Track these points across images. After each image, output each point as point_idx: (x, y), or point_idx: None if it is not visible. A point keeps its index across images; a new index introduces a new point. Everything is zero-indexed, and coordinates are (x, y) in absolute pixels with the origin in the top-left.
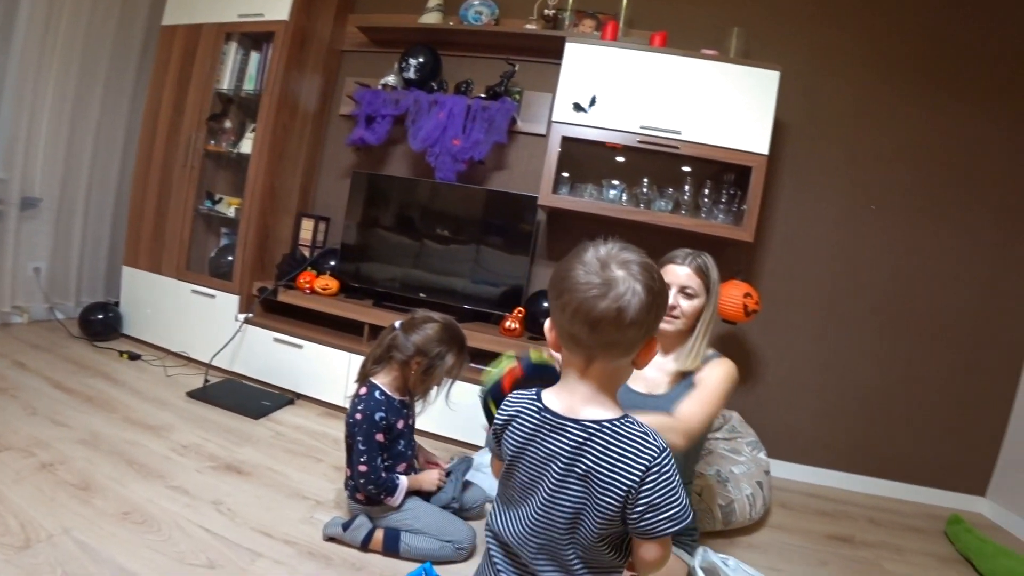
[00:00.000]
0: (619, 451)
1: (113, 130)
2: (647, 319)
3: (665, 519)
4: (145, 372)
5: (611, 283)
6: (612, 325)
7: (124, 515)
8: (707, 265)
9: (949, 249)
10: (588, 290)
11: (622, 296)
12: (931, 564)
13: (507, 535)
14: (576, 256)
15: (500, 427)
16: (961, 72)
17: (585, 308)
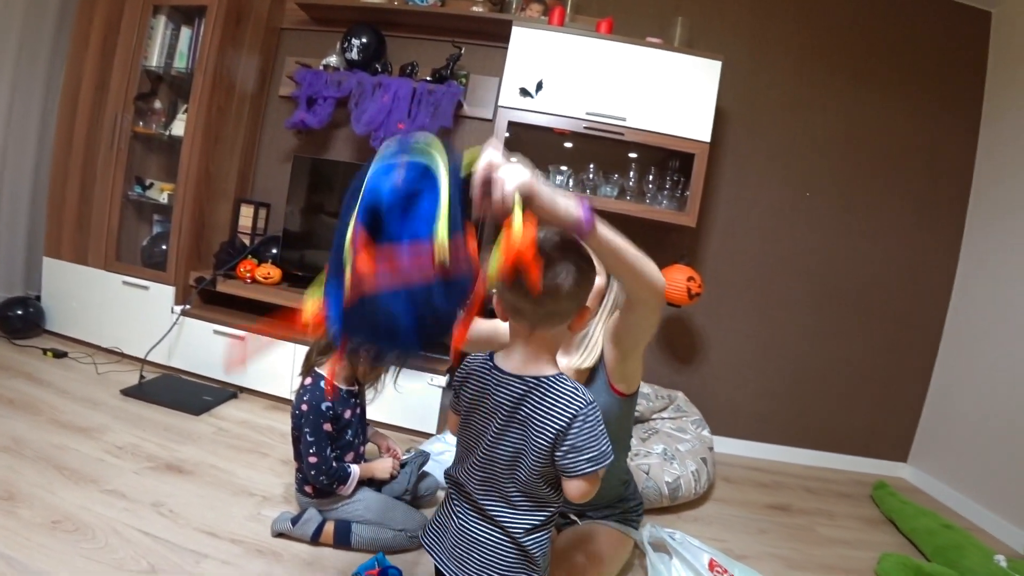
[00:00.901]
0: (552, 401)
1: (27, 108)
2: (579, 292)
3: (585, 460)
4: (73, 371)
5: (548, 263)
6: (551, 299)
7: (54, 524)
8: None
9: (874, 234)
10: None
11: (558, 275)
12: (860, 526)
13: (460, 475)
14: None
15: (459, 384)
16: (887, 66)
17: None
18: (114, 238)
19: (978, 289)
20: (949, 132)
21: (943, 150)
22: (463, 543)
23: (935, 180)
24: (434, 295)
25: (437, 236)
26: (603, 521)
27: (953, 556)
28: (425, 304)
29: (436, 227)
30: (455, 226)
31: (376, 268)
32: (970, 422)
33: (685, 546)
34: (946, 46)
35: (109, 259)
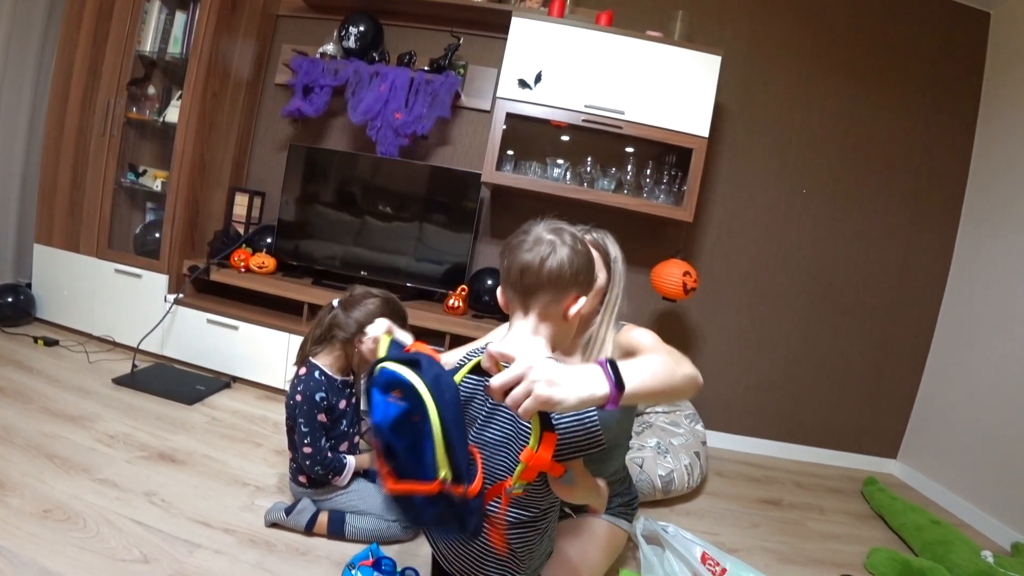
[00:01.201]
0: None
1: (18, 92)
2: (566, 275)
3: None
4: (64, 359)
5: (539, 242)
6: (534, 274)
7: (45, 513)
8: (605, 240)
9: (868, 232)
10: (522, 246)
11: (543, 251)
12: (850, 521)
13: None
14: (524, 226)
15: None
16: (884, 66)
17: (517, 260)
18: (106, 225)
19: (970, 289)
20: (945, 132)
21: (939, 150)
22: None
23: (930, 180)
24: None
25: (438, 472)
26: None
27: (941, 551)
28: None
29: (435, 454)
30: (456, 449)
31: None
32: (960, 420)
33: (678, 539)
34: (944, 46)
35: (101, 247)
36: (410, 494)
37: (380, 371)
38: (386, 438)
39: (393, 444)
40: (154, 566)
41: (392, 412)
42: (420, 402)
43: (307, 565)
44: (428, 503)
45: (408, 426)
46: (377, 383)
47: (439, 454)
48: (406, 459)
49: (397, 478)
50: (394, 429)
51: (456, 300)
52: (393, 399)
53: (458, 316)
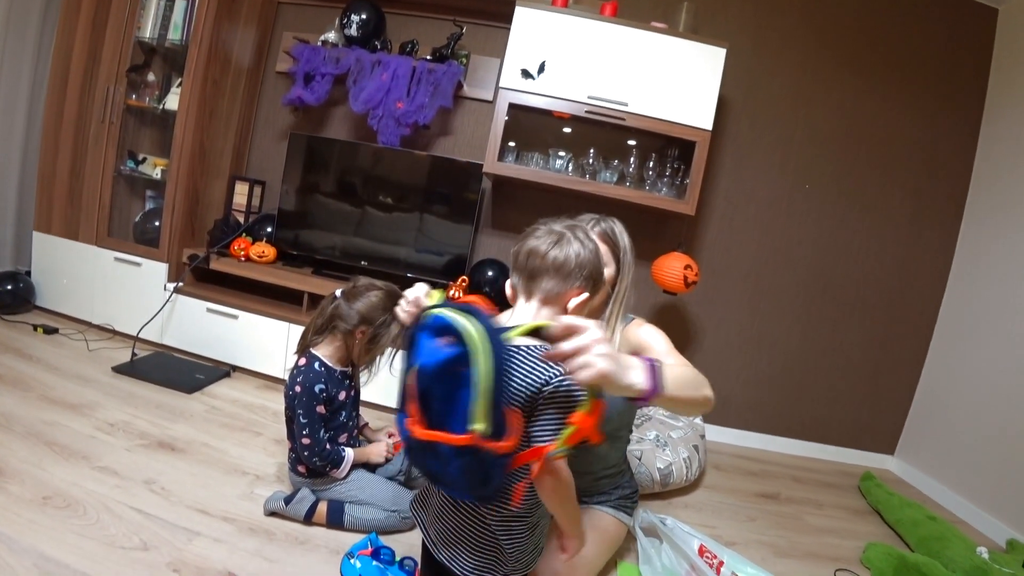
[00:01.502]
0: (527, 369)
1: (16, 79)
2: (571, 265)
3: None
4: (64, 347)
5: (551, 232)
6: (540, 257)
7: (44, 500)
8: (614, 230)
9: (869, 229)
10: (534, 233)
11: (553, 240)
12: (846, 516)
13: None
14: (540, 220)
15: None
16: (889, 62)
17: (527, 244)
18: (106, 213)
19: (972, 286)
20: (950, 129)
21: (943, 147)
22: (443, 516)
23: (933, 177)
24: (478, 456)
25: (474, 424)
26: (598, 507)
27: (936, 547)
28: (471, 459)
29: (474, 405)
30: (497, 405)
31: (423, 428)
32: (958, 417)
33: (676, 532)
34: (951, 42)
35: (101, 235)
36: (438, 442)
37: (433, 316)
38: (425, 383)
39: (431, 390)
40: (154, 553)
41: (440, 356)
42: (472, 351)
43: (306, 554)
44: (454, 454)
45: (450, 375)
46: (427, 327)
47: (480, 406)
48: (440, 408)
49: (427, 426)
50: (436, 375)
51: (456, 291)
52: (442, 344)
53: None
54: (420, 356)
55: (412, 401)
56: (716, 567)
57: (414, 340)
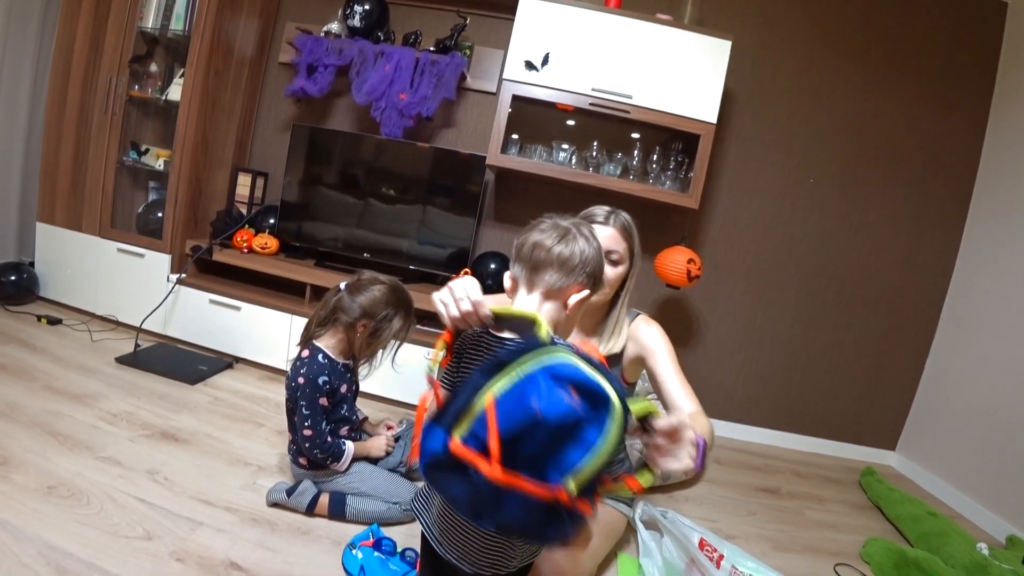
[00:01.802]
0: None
1: (18, 69)
2: (575, 261)
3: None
4: (67, 338)
5: (556, 227)
6: (545, 250)
7: (49, 490)
8: (631, 223)
9: (875, 222)
10: (539, 226)
11: (558, 234)
12: (847, 511)
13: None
14: (545, 215)
15: (456, 359)
16: (895, 54)
17: (532, 237)
18: (109, 204)
19: (976, 283)
20: (956, 124)
21: (948, 142)
22: (448, 515)
23: (938, 172)
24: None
25: (569, 483)
26: None
27: (937, 543)
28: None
29: (583, 468)
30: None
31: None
32: (960, 414)
33: (676, 525)
34: (958, 37)
35: (104, 226)
36: (518, 490)
37: (564, 364)
38: (531, 430)
39: (534, 440)
40: (157, 543)
41: (565, 411)
42: (610, 419)
43: (308, 544)
44: (522, 503)
45: (564, 430)
46: (553, 372)
47: (590, 467)
48: (529, 455)
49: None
50: (556, 429)
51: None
52: (568, 396)
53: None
54: (543, 402)
55: (493, 437)
56: (716, 560)
57: (524, 375)
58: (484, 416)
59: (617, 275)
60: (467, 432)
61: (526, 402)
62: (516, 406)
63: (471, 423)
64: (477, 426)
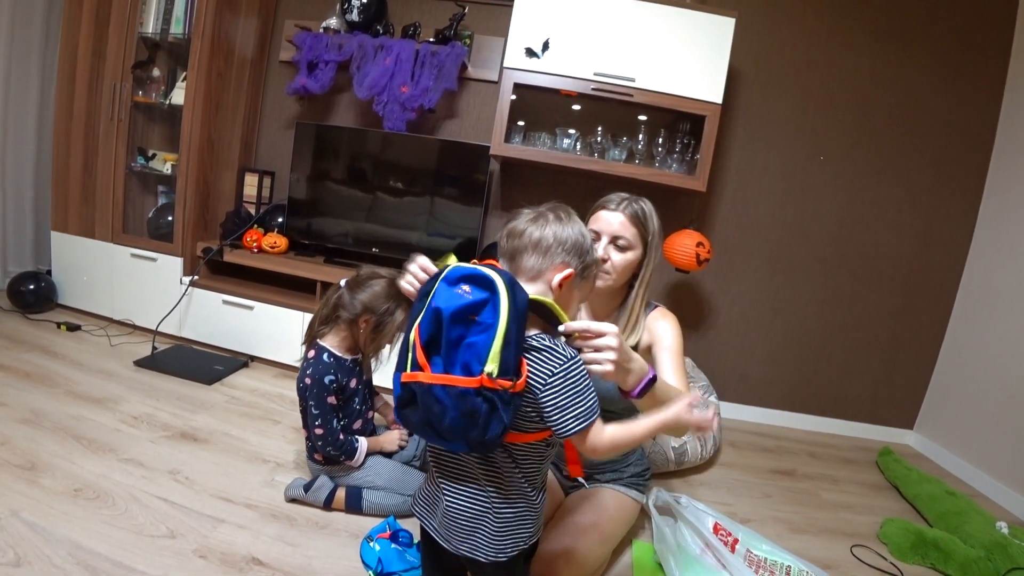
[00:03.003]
0: (530, 360)
1: (24, 80)
2: (549, 240)
3: (572, 418)
4: (86, 343)
5: (530, 213)
6: (518, 235)
7: (75, 492)
8: (645, 212)
9: (888, 199)
10: (516, 216)
11: (531, 217)
12: (863, 492)
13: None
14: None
15: None
16: (906, 26)
17: (508, 226)
18: (120, 210)
19: (993, 258)
20: (971, 96)
21: (964, 115)
22: (452, 513)
23: (953, 145)
24: (478, 402)
25: (485, 366)
26: (610, 485)
27: (955, 522)
28: (474, 403)
29: (491, 348)
30: (511, 346)
31: (429, 371)
32: (978, 391)
33: (690, 510)
34: (972, 5)
35: (116, 231)
36: (443, 387)
37: (454, 268)
38: (437, 328)
39: (441, 336)
40: (180, 541)
41: (464, 301)
42: (498, 294)
43: (327, 538)
44: (458, 398)
45: (464, 321)
46: (448, 278)
47: (495, 349)
48: (448, 353)
49: (433, 372)
50: (454, 319)
51: None
52: (461, 291)
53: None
54: (439, 300)
55: (419, 349)
56: (731, 545)
57: (429, 291)
58: (414, 343)
59: (625, 260)
60: (411, 361)
61: (430, 307)
62: (426, 317)
63: (411, 354)
64: (413, 353)
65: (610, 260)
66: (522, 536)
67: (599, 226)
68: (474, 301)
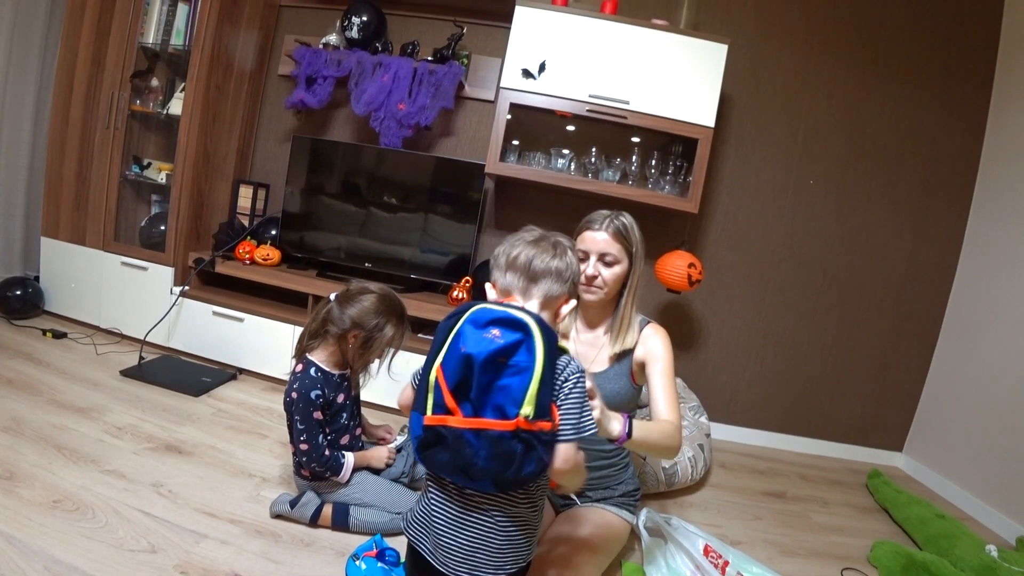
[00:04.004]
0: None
1: (22, 86)
2: (565, 274)
3: (568, 425)
4: (72, 351)
5: (546, 238)
6: (543, 261)
7: (54, 504)
8: (627, 226)
9: (877, 222)
10: (529, 237)
11: (550, 247)
12: (853, 514)
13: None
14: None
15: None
16: (893, 53)
17: (526, 250)
18: (112, 218)
19: (980, 280)
20: (955, 120)
21: (949, 139)
22: (450, 534)
23: (939, 169)
24: (514, 444)
25: (521, 409)
26: (601, 504)
27: (945, 545)
28: (509, 444)
29: (527, 390)
30: (544, 388)
31: (460, 414)
32: (966, 413)
33: (681, 531)
34: (955, 32)
35: (107, 239)
36: (478, 430)
37: (479, 310)
38: (467, 372)
39: (471, 380)
40: (161, 556)
41: (492, 347)
42: (533, 337)
43: (312, 555)
44: (492, 442)
45: (495, 365)
46: (475, 320)
47: (531, 391)
48: (479, 397)
49: (464, 415)
50: (486, 364)
51: (460, 291)
52: (491, 335)
53: None
54: (469, 345)
55: (446, 393)
56: (721, 567)
57: (449, 335)
58: (438, 384)
59: (614, 275)
60: (433, 403)
61: (457, 352)
62: (452, 360)
63: (433, 395)
64: (437, 395)
65: (600, 276)
66: (521, 554)
67: (586, 246)
68: (506, 344)
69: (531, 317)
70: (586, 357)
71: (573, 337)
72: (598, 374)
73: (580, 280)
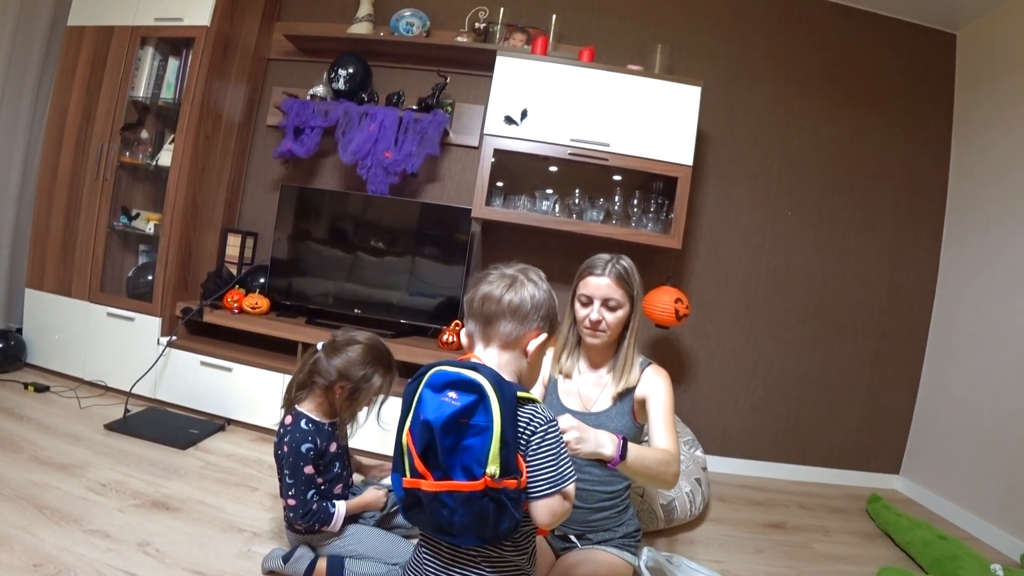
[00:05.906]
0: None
1: (12, 137)
2: (527, 307)
3: (544, 480)
4: (55, 405)
5: (503, 277)
6: (495, 301)
7: (35, 567)
8: (627, 270)
9: (856, 249)
10: (486, 279)
11: (506, 283)
12: (856, 541)
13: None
14: (491, 267)
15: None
16: (858, 87)
17: (480, 290)
18: (99, 269)
19: (959, 300)
20: (922, 149)
21: (917, 166)
22: None
23: (911, 196)
24: (488, 499)
25: (487, 468)
26: (602, 546)
27: (950, 567)
28: (481, 503)
29: (490, 449)
30: (508, 446)
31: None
32: (959, 431)
33: (683, 569)
34: (914, 67)
35: (93, 290)
36: (449, 492)
37: (435, 373)
38: (430, 437)
39: (435, 444)
40: None
41: (451, 409)
42: (488, 398)
43: None
44: (464, 502)
45: (456, 427)
46: (431, 383)
47: (493, 451)
48: (445, 460)
49: (434, 479)
50: (445, 427)
51: (450, 335)
52: (448, 399)
53: (453, 351)
54: (427, 411)
55: (416, 458)
56: None
57: (414, 399)
58: (408, 449)
59: (617, 319)
60: (408, 467)
61: (419, 418)
62: (416, 426)
63: (407, 458)
64: (409, 459)
65: (604, 320)
66: None
67: (589, 291)
68: (463, 407)
69: (485, 375)
70: (589, 397)
71: (576, 377)
72: (601, 413)
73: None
